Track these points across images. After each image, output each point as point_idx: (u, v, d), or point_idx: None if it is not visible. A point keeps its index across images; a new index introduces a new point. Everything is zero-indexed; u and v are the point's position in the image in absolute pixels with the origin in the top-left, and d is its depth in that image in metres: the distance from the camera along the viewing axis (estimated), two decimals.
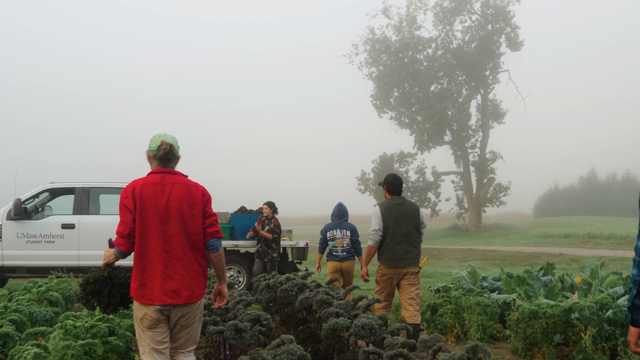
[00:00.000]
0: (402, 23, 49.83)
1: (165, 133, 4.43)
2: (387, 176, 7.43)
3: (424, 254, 29.28)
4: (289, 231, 13.89)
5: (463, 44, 49.24)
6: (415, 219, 7.13)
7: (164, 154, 4.35)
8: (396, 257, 6.94)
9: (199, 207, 4.33)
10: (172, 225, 4.26)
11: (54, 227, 11.80)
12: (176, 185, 4.32)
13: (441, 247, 34.33)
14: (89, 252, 11.72)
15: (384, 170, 48.19)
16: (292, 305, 6.95)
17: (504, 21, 47.90)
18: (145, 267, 4.21)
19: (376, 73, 49.82)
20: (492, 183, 48.17)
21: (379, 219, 7.06)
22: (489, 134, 49.36)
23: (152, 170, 4.39)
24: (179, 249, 4.25)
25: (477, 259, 25.77)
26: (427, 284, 15.82)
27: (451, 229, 50.95)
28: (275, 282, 7.35)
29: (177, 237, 4.26)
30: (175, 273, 4.22)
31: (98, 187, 12.38)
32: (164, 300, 4.18)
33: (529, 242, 34.87)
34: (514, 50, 48.68)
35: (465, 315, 7.25)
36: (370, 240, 7.08)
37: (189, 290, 4.24)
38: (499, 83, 49.97)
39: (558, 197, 77.96)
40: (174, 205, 4.26)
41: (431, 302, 7.77)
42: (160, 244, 4.22)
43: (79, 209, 12.02)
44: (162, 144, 4.34)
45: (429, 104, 47.02)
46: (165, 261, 4.21)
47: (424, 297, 9.82)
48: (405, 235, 7.01)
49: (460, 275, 9.29)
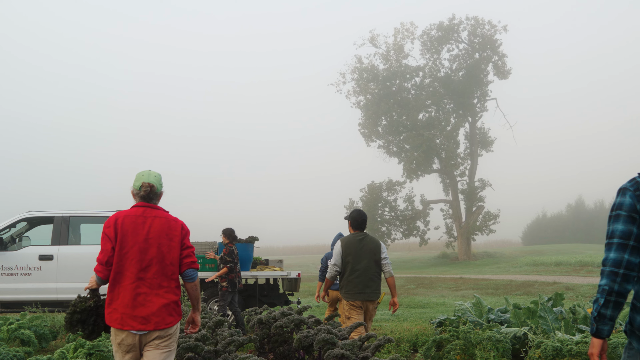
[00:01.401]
0: (390, 52, 49.72)
1: (149, 171, 4.76)
2: (352, 211, 7.65)
3: (413, 282, 28.74)
4: (280, 261, 13.32)
5: (450, 72, 49.11)
6: (375, 253, 7.34)
7: (145, 194, 4.66)
8: (355, 291, 7.16)
9: (177, 240, 4.61)
10: (150, 255, 4.50)
11: (31, 258, 11.11)
12: (157, 219, 4.60)
13: (432, 275, 33.72)
14: (68, 284, 11.04)
15: (372, 199, 47.70)
16: (288, 344, 6.36)
17: (491, 49, 47.91)
18: (119, 294, 4.44)
19: (364, 102, 49.49)
20: (481, 211, 47.74)
21: (338, 255, 7.31)
22: (477, 162, 49.08)
23: (136, 204, 4.69)
24: (153, 277, 4.48)
25: (469, 288, 25.31)
26: (423, 314, 15.26)
27: (440, 257, 50.35)
28: (269, 318, 6.76)
29: (153, 267, 4.49)
30: (147, 300, 4.43)
31: (79, 215, 11.72)
32: (133, 325, 4.38)
33: (520, 271, 34.37)
34: (501, 78, 48.62)
35: (477, 352, 6.66)
36: (328, 274, 7.42)
37: (158, 317, 4.43)
38: (487, 111, 49.83)
39: (546, 225, 77.60)
40: (153, 236, 4.53)
41: (436, 338, 7.18)
42: (135, 272, 4.45)
43: (58, 239, 11.34)
44: (142, 185, 4.66)
45: (417, 132, 46.72)
46: (137, 289, 4.43)
47: (425, 330, 9.28)
48: (364, 270, 7.23)
49: (464, 306, 8.74)
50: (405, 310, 16.95)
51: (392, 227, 49.28)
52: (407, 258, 53.92)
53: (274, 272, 12.34)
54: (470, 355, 6.77)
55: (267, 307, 8.71)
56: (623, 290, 3.09)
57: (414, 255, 58.03)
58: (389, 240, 49.15)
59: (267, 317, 6.87)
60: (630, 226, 3.12)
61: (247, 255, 12.09)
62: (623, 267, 3.08)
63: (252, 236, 12.23)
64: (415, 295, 22.72)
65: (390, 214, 49.17)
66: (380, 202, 48.58)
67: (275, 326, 6.38)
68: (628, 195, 3.17)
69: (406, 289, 25.94)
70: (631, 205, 3.14)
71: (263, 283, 12.66)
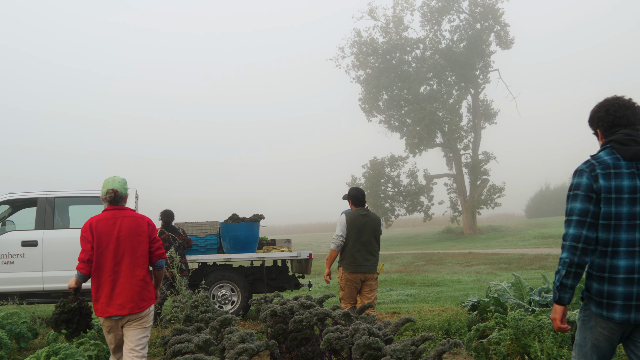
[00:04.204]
0: (389, 24, 48.40)
1: (114, 177, 5.51)
2: (351, 190, 8.05)
3: (421, 259, 27.83)
4: (287, 241, 12.24)
5: (452, 43, 47.85)
6: (376, 230, 7.83)
7: (110, 199, 5.41)
8: (356, 264, 7.60)
9: (145, 235, 5.38)
10: (122, 250, 5.26)
11: (13, 245, 10.03)
12: (126, 219, 5.35)
13: (439, 251, 32.79)
14: (55, 273, 10.01)
15: (375, 175, 46.80)
16: (310, 344, 5.31)
17: (493, 19, 46.59)
18: (99, 286, 5.23)
19: (364, 76, 48.31)
20: (486, 184, 46.77)
21: (343, 226, 7.72)
22: (481, 135, 47.98)
23: (106, 208, 5.44)
24: (127, 269, 5.25)
25: (480, 263, 24.39)
26: (441, 294, 14.28)
27: (445, 232, 49.49)
28: (284, 310, 5.67)
29: (126, 259, 5.27)
30: (122, 289, 5.21)
31: (65, 196, 10.63)
32: (110, 312, 5.19)
33: (529, 244, 33.48)
34: (504, 48, 47.35)
35: (531, 343, 5.61)
36: (333, 245, 7.78)
37: (132, 302, 5.21)
38: (490, 83, 48.55)
39: (550, 197, 76.40)
40: (124, 234, 5.28)
41: (480, 326, 6.14)
42: (111, 266, 5.23)
43: (43, 223, 10.25)
44: (107, 191, 5.41)
45: (419, 105, 45.57)
46: (114, 281, 5.21)
47: (457, 315, 8.28)
48: (365, 244, 7.67)
49: (501, 287, 7.69)
50: (420, 289, 15.96)
51: (395, 203, 48.49)
52: (412, 234, 53.05)
53: (282, 253, 11.27)
54: (522, 347, 5.73)
55: (278, 293, 7.68)
56: (582, 262, 3.48)
57: (418, 230, 57.13)
58: (392, 217, 48.33)
59: (283, 308, 5.79)
60: (587, 204, 3.49)
61: (252, 235, 11.03)
62: (582, 241, 3.48)
63: (257, 214, 11.16)
64: (426, 272, 21.74)
65: (394, 190, 48.29)
66: (383, 178, 47.72)
67: (294, 321, 5.28)
68: (585, 177, 3.53)
69: (416, 266, 24.99)
70: (588, 185, 3.50)
71: (270, 265, 11.62)
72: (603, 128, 3.70)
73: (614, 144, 3.57)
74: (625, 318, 3.43)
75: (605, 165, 3.51)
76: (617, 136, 3.59)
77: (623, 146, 3.54)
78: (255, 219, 11.12)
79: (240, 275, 11.13)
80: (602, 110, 3.70)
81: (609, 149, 3.59)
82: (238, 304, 10.93)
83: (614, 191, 3.45)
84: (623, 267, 3.44)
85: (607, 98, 3.74)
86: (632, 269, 3.44)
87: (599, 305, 3.51)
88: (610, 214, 3.45)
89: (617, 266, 3.45)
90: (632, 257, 3.44)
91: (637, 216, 3.44)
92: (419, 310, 10.33)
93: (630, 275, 3.44)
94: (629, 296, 3.43)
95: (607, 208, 3.46)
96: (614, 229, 3.46)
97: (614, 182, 3.46)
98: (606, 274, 3.48)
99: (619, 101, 3.68)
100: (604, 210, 3.46)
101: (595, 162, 3.55)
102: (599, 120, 3.72)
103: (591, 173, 3.50)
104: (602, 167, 3.50)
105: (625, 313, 3.43)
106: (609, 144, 3.62)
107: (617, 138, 3.58)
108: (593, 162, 3.55)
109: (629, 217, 3.44)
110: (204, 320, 6.26)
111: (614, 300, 3.45)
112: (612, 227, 3.47)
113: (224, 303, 10.96)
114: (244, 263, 11.88)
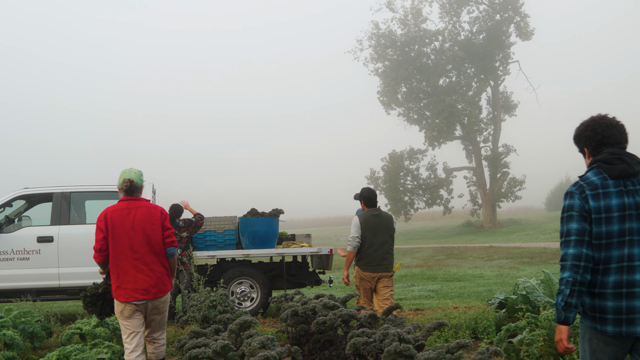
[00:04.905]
0: (408, 16, 47.93)
1: (131, 168, 5.76)
2: (363, 190, 8.17)
3: (441, 253, 27.53)
4: (307, 235, 11.98)
5: (471, 35, 47.33)
6: (390, 228, 7.98)
7: (126, 189, 5.65)
8: (373, 263, 7.78)
9: (158, 223, 5.63)
10: (138, 239, 5.51)
11: (28, 241, 9.86)
12: (139, 209, 5.60)
13: (460, 245, 32.45)
14: (71, 269, 9.85)
15: (394, 168, 46.46)
16: (335, 347, 5.05)
17: (512, 10, 46.01)
18: (119, 273, 5.49)
19: (382, 69, 47.93)
20: (506, 177, 46.31)
21: (357, 228, 7.87)
22: (500, 127, 47.47)
23: (121, 199, 5.68)
24: (145, 256, 5.53)
25: (502, 257, 24.05)
26: (463, 289, 13.99)
27: (465, 226, 49.05)
28: (306, 310, 5.42)
29: (142, 248, 5.52)
30: (144, 275, 5.48)
31: (81, 191, 10.45)
32: (136, 297, 5.46)
33: (550, 238, 33.03)
34: (524, 39, 46.75)
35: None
36: (349, 247, 7.90)
37: (155, 287, 5.52)
38: (509, 74, 47.93)
39: None
40: (138, 223, 5.53)
41: (510, 326, 5.86)
42: (129, 254, 5.48)
43: (59, 219, 10.07)
44: (124, 181, 5.65)
45: (438, 98, 45.16)
46: (135, 267, 5.48)
47: (485, 313, 8.01)
48: (381, 244, 7.83)
49: (530, 284, 7.41)
50: (442, 284, 15.68)
51: (414, 197, 48.13)
52: (431, 227, 52.67)
53: (302, 249, 11.00)
54: (556, 348, 5.45)
55: (299, 291, 7.45)
56: (584, 280, 3.53)
57: (437, 224, 56.69)
58: (411, 210, 47.99)
59: (304, 308, 5.53)
60: (583, 224, 3.55)
61: (271, 230, 10.79)
62: (583, 260, 3.52)
63: (276, 209, 10.90)
64: (447, 267, 21.43)
65: (413, 183, 47.93)
66: (402, 171, 47.36)
67: (316, 322, 5.01)
68: (576, 198, 3.60)
69: (436, 260, 24.68)
70: (581, 206, 3.57)
71: (290, 261, 11.38)
72: (591, 147, 3.76)
73: (601, 163, 3.63)
74: (617, 331, 3.50)
75: (593, 186, 3.58)
76: (603, 155, 3.64)
77: (609, 165, 3.59)
78: (275, 213, 10.87)
79: (260, 271, 10.90)
80: (590, 130, 3.75)
81: (596, 169, 3.65)
82: (257, 300, 10.71)
83: (604, 211, 3.53)
84: (611, 282, 3.52)
85: (593, 117, 3.79)
86: (620, 284, 3.51)
87: (593, 319, 3.60)
88: (601, 234, 3.53)
89: (607, 282, 3.53)
90: (621, 273, 3.52)
91: (626, 233, 3.52)
92: (443, 307, 10.06)
93: (618, 290, 3.51)
94: (619, 310, 3.50)
95: (598, 228, 3.53)
96: (605, 248, 3.54)
97: (602, 202, 3.54)
98: (596, 289, 3.57)
99: (605, 121, 3.73)
100: (595, 231, 3.54)
101: (584, 183, 3.62)
102: (586, 139, 3.78)
103: (581, 195, 3.58)
104: (590, 188, 3.58)
105: (617, 326, 3.50)
106: (595, 163, 3.68)
107: (603, 157, 3.64)
108: (582, 183, 3.63)
109: (619, 235, 3.52)
110: (222, 322, 6.02)
111: (605, 315, 3.53)
112: (604, 245, 3.54)
113: (243, 300, 10.73)
114: (263, 259, 11.66)
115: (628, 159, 3.60)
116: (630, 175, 3.56)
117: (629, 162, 3.58)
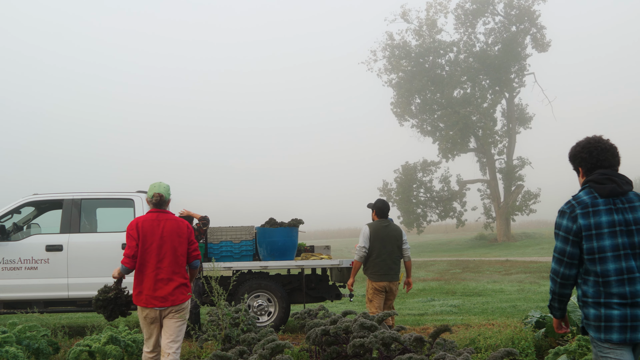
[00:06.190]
0: (422, 27, 47.52)
1: (160, 182, 6.15)
2: (377, 201, 8.52)
3: (457, 266, 26.99)
4: (327, 247, 11.50)
5: (486, 46, 46.83)
6: (398, 239, 8.30)
7: (156, 202, 6.05)
8: (381, 272, 8.10)
9: (184, 236, 6.01)
10: (165, 249, 5.88)
11: (37, 249, 9.43)
12: (168, 221, 5.98)
13: (475, 258, 31.85)
14: (81, 280, 9.41)
15: (407, 180, 45.92)
16: None
17: (529, 21, 45.53)
18: (142, 280, 5.85)
19: (396, 80, 47.44)
20: (520, 190, 45.71)
21: (366, 238, 8.20)
22: (515, 140, 46.91)
23: (150, 210, 6.07)
24: (168, 266, 5.86)
25: (520, 271, 23.51)
26: (485, 304, 13.48)
27: (478, 239, 48.36)
28: (337, 330, 4.93)
29: (167, 258, 5.87)
30: (164, 284, 5.81)
31: (93, 198, 10.03)
32: (155, 303, 5.79)
33: None
34: (540, 51, 46.24)
35: None
36: (356, 256, 8.28)
37: (173, 296, 5.83)
38: (525, 86, 47.31)
39: None
40: (166, 235, 5.90)
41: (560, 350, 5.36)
42: (155, 263, 5.82)
43: (68, 226, 9.63)
44: (154, 195, 6.04)
45: (452, 109, 44.65)
46: (156, 276, 5.81)
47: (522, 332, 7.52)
48: (389, 254, 8.15)
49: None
50: (463, 299, 15.16)
51: (427, 209, 47.53)
52: (444, 240, 52.00)
53: (322, 261, 10.50)
54: None
55: (323, 306, 6.98)
56: (562, 293, 4.03)
57: (450, 237, 55.99)
58: (424, 222, 47.42)
59: (336, 328, 5.04)
60: (564, 245, 3.89)
61: (290, 241, 10.30)
62: (559, 277, 3.97)
63: (295, 219, 10.42)
64: (465, 281, 20.89)
65: (426, 195, 47.35)
66: (415, 183, 46.80)
67: (353, 345, 4.51)
68: (565, 218, 3.90)
69: (452, 274, 24.12)
70: (567, 227, 3.87)
71: (309, 274, 10.88)
72: (585, 168, 3.99)
73: (592, 183, 3.89)
74: (622, 338, 3.71)
75: (584, 204, 3.85)
76: (594, 176, 3.90)
77: (600, 185, 3.84)
78: (294, 223, 10.39)
79: (278, 284, 10.41)
80: (585, 152, 3.98)
81: (588, 189, 3.92)
82: (275, 315, 10.22)
83: (594, 228, 3.78)
84: (616, 293, 3.73)
85: (589, 139, 4.02)
86: (624, 295, 3.72)
87: (597, 330, 3.81)
88: (593, 249, 3.79)
89: (611, 293, 3.75)
90: (623, 285, 3.73)
91: (620, 247, 3.75)
92: (477, 325, 9.57)
93: (623, 300, 3.72)
94: (624, 318, 3.71)
95: (589, 244, 3.80)
96: (600, 262, 3.78)
97: (592, 219, 3.80)
98: (602, 299, 3.78)
99: (601, 144, 3.96)
100: (587, 247, 3.81)
101: (575, 202, 3.90)
102: (582, 160, 4.01)
103: (571, 214, 3.85)
104: (581, 207, 3.85)
105: (622, 334, 3.71)
106: (587, 184, 3.94)
107: (594, 178, 3.89)
108: (573, 202, 3.91)
109: (612, 249, 3.76)
110: (247, 342, 5.55)
111: (612, 323, 3.74)
112: (597, 260, 3.79)
113: (260, 314, 10.25)
114: (280, 271, 11.18)
115: (617, 179, 3.85)
116: (619, 194, 3.83)
117: (618, 182, 3.83)
